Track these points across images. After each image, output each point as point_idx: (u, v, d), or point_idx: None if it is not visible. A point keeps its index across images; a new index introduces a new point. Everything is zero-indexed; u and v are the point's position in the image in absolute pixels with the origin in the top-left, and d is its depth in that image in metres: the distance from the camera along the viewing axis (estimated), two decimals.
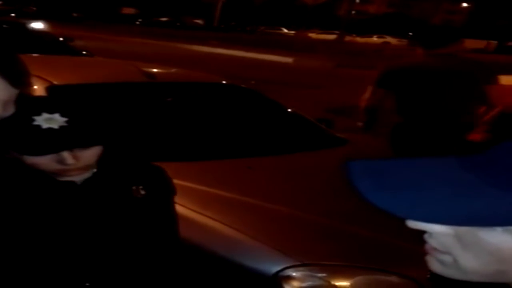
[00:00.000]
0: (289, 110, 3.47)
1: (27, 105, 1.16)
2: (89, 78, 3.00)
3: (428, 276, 1.72)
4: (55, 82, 2.75)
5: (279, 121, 3.33)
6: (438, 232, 0.59)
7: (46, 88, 2.67)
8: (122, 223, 1.30)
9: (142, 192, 1.34)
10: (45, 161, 1.17)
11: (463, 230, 0.58)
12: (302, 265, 1.85)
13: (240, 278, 1.90)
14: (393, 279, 1.85)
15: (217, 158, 2.63)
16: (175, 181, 2.10)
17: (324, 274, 1.84)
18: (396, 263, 1.90)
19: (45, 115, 1.14)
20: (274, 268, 1.84)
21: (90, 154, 1.21)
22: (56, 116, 1.15)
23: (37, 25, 15.88)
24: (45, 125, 1.14)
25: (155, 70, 3.43)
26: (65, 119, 1.15)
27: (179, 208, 2.01)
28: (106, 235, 1.28)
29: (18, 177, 1.24)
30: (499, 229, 0.56)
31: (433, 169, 0.60)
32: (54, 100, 1.33)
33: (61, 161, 1.17)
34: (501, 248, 0.56)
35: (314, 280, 1.83)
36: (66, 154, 1.16)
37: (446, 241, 0.60)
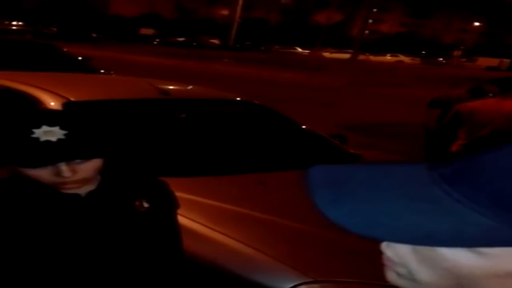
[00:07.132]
0: (303, 126, 3.46)
1: (28, 118, 1.18)
2: (104, 95, 3.03)
3: None
4: (72, 99, 2.79)
5: (292, 137, 3.32)
6: (394, 244, 0.57)
7: (63, 104, 2.70)
8: (126, 236, 1.30)
9: (146, 205, 1.34)
10: (44, 174, 1.17)
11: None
12: (315, 281, 1.81)
13: None
14: None
15: (230, 173, 2.63)
16: (188, 196, 2.11)
17: None
18: None
19: (45, 128, 1.15)
20: (287, 285, 1.81)
21: (88, 168, 1.21)
22: (56, 129, 1.15)
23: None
24: (43, 138, 1.14)
25: (169, 87, 3.46)
26: (64, 132, 1.15)
27: (191, 223, 2.02)
28: (109, 248, 1.28)
29: (23, 189, 1.24)
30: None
31: (398, 179, 0.56)
32: (56, 113, 1.34)
33: (58, 174, 1.17)
34: (458, 265, 0.52)
35: None
36: (63, 167, 1.17)
37: (402, 253, 0.57)
